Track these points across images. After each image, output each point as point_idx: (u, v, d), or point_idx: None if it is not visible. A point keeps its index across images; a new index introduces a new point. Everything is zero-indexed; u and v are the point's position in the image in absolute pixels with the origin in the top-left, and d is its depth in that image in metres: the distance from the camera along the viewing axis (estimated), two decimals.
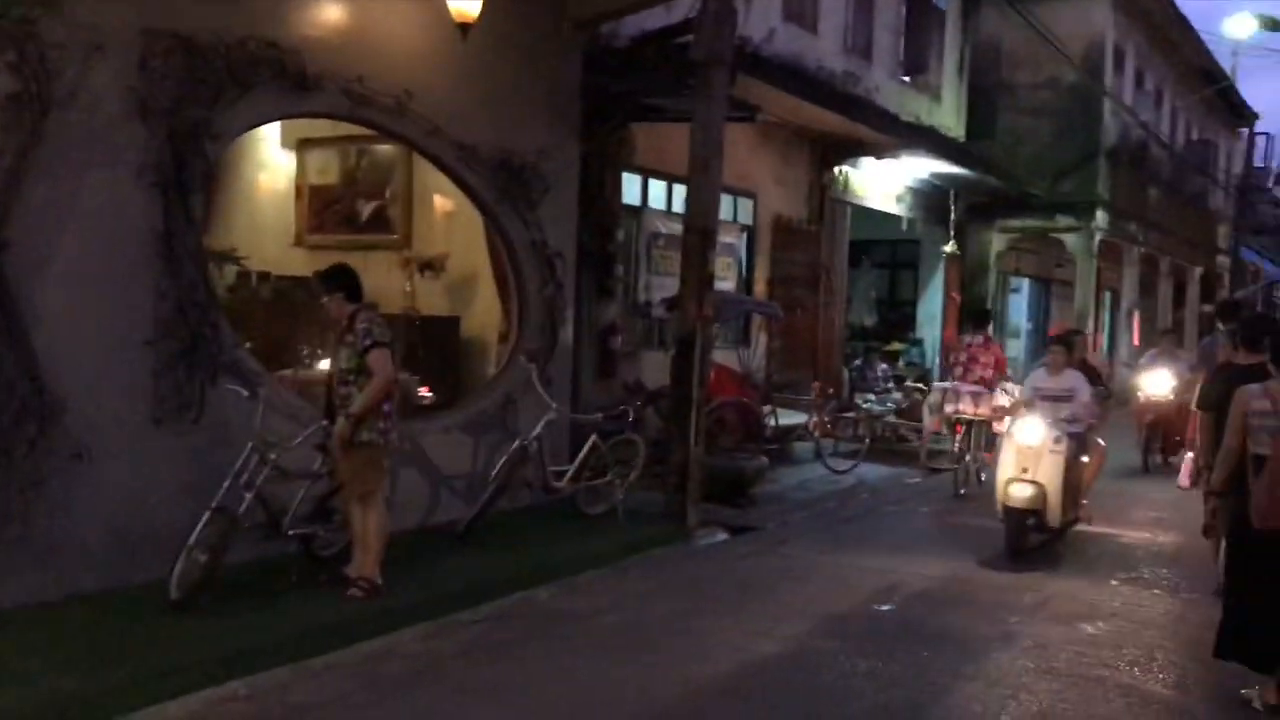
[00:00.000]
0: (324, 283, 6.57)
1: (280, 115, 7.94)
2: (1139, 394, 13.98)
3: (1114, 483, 11.07)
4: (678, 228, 10.50)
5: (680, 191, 10.93)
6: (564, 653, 6.02)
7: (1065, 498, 8.47)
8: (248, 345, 7.46)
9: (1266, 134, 32.80)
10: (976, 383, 11.35)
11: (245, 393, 6.56)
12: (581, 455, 8.78)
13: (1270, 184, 36.02)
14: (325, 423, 6.55)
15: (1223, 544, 6.08)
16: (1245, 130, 32.34)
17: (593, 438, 8.88)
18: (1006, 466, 8.53)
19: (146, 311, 6.53)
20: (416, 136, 8.35)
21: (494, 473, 8.18)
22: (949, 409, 11.43)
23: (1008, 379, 11.71)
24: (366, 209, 10.71)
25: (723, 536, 9.11)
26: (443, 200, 10.24)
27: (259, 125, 7.96)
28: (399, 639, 6.02)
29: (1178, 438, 13.35)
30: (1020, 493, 8.30)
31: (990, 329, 12.79)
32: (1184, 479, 11.62)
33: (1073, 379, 8.94)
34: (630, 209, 11.61)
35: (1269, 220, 36.86)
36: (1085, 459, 8.99)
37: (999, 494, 8.51)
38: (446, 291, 10.22)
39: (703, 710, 5.30)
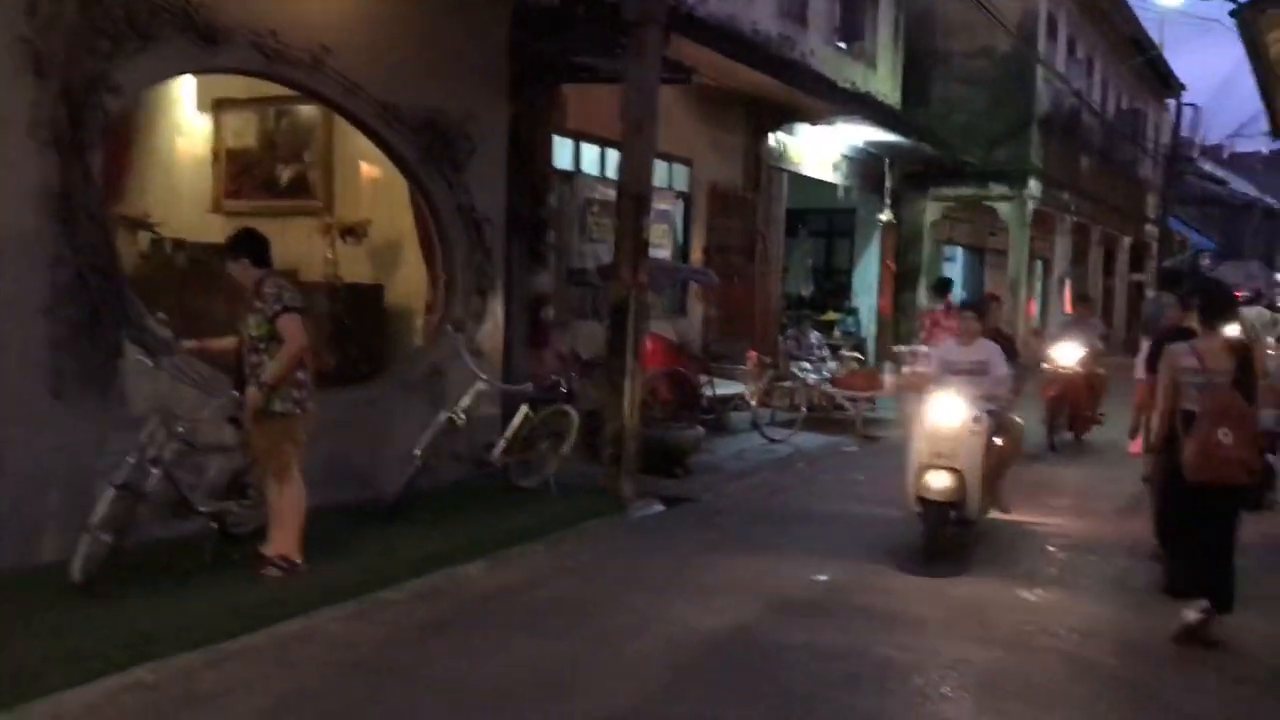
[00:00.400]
0: (229, 249, 6.24)
1: (187, 70, 7.54)
2: (1044, 366, 12.67)
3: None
4: (612, 194, 10.24)
5: (615, 156, 10.64)
6: (493, 630, 5.79)
7: (986, 485, 7.63)
8: (161, 315, 7.08)
9: (1193, 105, 33.31)
10: None
11: (150, 363, 6.20)
12: (512, 427, 8.52)
13: (1196, 155, 36.66)
14: (236, 393, 6.23)
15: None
16: (1173, 100, 32.75)
17: (524, 409, 8.62)
18: (920, 452, 7.47)
19: (43, 278, 6.15)
20: (335, 95, 7.97)
21: (420, 446, 7.87)
22: (906, 369, 11.64)
23: None
24: (286, 173, 10.30)
25: (658, 508, 8.91)
26: (366, 164, 9.86)
27: (164, 80, 7.55)
28: (318, 620, 5.73)
29: (1088, 413, 12.67)
30: (939, 483, 7.34)
31: (952, 297, 13.37)
32: (1134, 446, 10.80)
33: (986, 350, 8.00)
34: (563, 174, 11.31)
35: (1195, 191, 37.54)
36: (999, 440, 7.93)
37: (911, 484, 7.48)
38: (370, 258, 9.86)
39: (638, 687, 5.09)
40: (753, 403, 12.52)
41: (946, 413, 7.50)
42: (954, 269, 23.19)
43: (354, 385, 8.54)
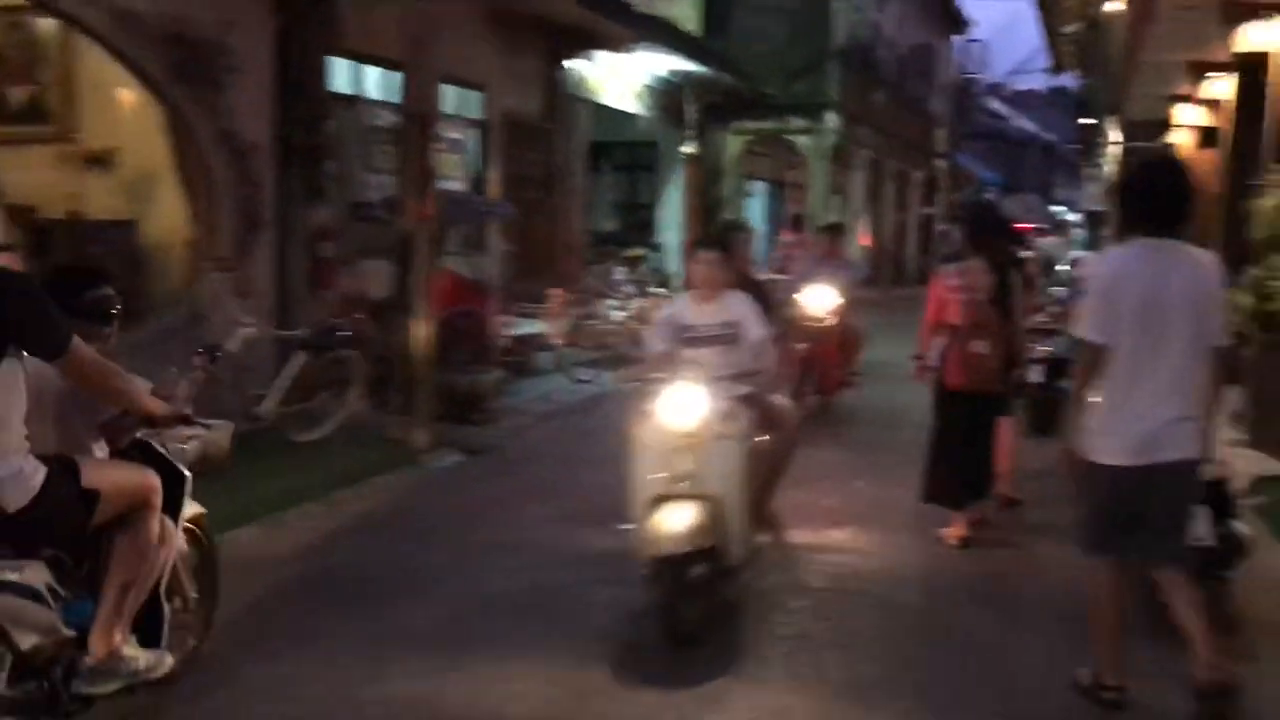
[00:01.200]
0: None
1: None
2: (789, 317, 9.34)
3: None
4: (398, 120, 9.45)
5: (400, 81, 9.82)
6: (258, 611, 5.13)
7: (753, 509, 5.23)
8: None
9: (980, 41, 34.45)
10: None
11: None
12: (286, 376, 7.75)
13: (982, 91, 38.07)
14: None
15: None
16: (960, 37, 33.75)
17: (300, 356, 7.85)
18: (647, 473, 4.91)
19: None
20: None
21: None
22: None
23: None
24: (18, 95, 9.13)
25: (457, 459, 8.34)
26: (114, 84, 8.76)
27: None
28: None
29: (838, 374, 10.16)
30: (678, 524, 4.66)
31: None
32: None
33: (736, 306, 5.40)
34: (343, 98, 10.38)
35: (981, 127, 39.03)
36: (763, 437, 5.45)
37: (638, 528, 4.86)
38: (122, 191, 8.81)
39: (421, 665, 4.55)
40: (558, 342, 12.05)
41: (684, 408, 4.89)
42: (756, 204, 23.22)
43: None
